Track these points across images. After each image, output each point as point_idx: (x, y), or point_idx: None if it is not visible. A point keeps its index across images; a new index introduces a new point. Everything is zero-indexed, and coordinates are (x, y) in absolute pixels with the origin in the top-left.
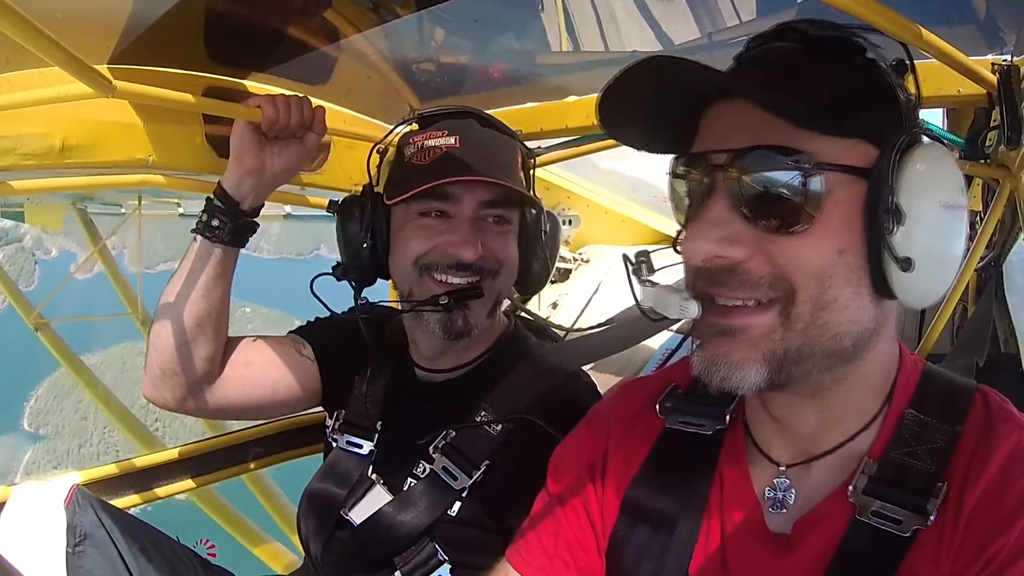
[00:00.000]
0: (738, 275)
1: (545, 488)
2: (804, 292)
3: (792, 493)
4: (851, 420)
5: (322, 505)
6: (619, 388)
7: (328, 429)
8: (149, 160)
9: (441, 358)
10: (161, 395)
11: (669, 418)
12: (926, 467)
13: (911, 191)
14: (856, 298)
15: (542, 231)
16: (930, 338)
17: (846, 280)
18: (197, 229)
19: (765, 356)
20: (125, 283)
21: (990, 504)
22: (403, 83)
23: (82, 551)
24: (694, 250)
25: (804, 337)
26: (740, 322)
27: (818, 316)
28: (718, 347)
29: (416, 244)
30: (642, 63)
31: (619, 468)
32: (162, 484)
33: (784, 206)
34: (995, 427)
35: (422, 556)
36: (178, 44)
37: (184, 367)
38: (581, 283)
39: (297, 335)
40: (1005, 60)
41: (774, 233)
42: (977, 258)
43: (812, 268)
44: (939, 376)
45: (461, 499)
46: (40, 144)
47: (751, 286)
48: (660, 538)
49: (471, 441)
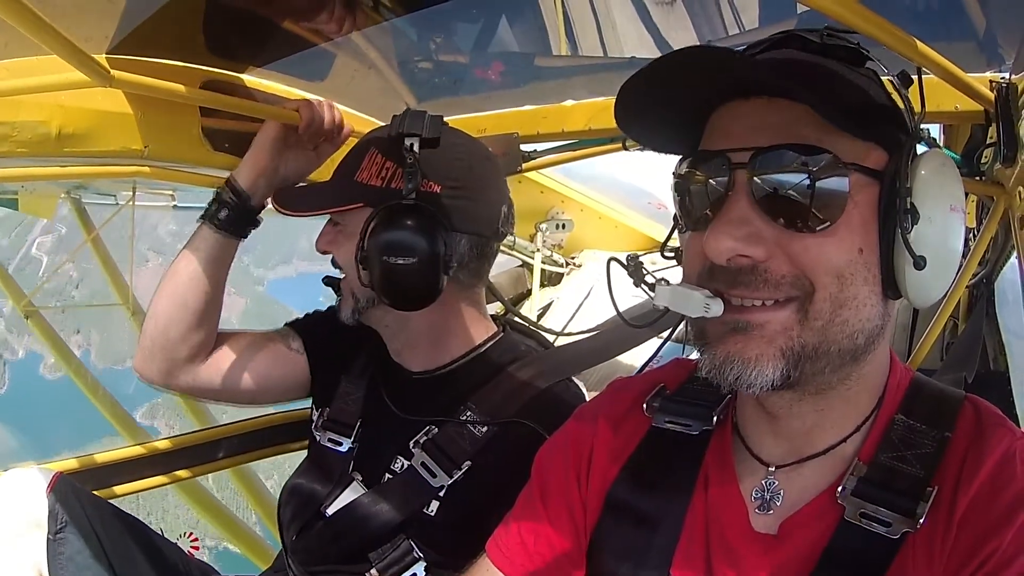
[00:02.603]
0: (759, 274)
1: (528, 484)
2: (824, 290)
3: (780, 494)
4: (847, 421)
5: (301, 499)
6: (607, 387)
7: (312, 425)
8: (144, 151)
9: (402, 354)
10: (150, 368)
11: (655, 417)
12: (915, 471)
13: (924, 193)
14: (872, 296)
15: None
16: (920, 353)
17: (864, 278)
18: (205, 217)
19: (783, 352)
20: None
21: (983, 507)
22: (400, 81)
23: (63, 538)
24: (717, 248)
25: (822, 335)
26: (757, 318)
27: (837, 314)
28: (732, 344)
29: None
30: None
31: (603, 466)
32: (147, 475)
33: (810, 205)
34: (986, 432)
35: (397, 553)
36: (177, 36)
37: (176, 343)
38: (573, 288)
39: (290, 328)
40: (1003, 78)
41: (798, 232)
42: (969, 275)
43: (834, 266)
44: (928, 384)
45: (439, 498)
46: (36, 132)
47: (772, 285)
48: (642, 537)
49: (454, 439)
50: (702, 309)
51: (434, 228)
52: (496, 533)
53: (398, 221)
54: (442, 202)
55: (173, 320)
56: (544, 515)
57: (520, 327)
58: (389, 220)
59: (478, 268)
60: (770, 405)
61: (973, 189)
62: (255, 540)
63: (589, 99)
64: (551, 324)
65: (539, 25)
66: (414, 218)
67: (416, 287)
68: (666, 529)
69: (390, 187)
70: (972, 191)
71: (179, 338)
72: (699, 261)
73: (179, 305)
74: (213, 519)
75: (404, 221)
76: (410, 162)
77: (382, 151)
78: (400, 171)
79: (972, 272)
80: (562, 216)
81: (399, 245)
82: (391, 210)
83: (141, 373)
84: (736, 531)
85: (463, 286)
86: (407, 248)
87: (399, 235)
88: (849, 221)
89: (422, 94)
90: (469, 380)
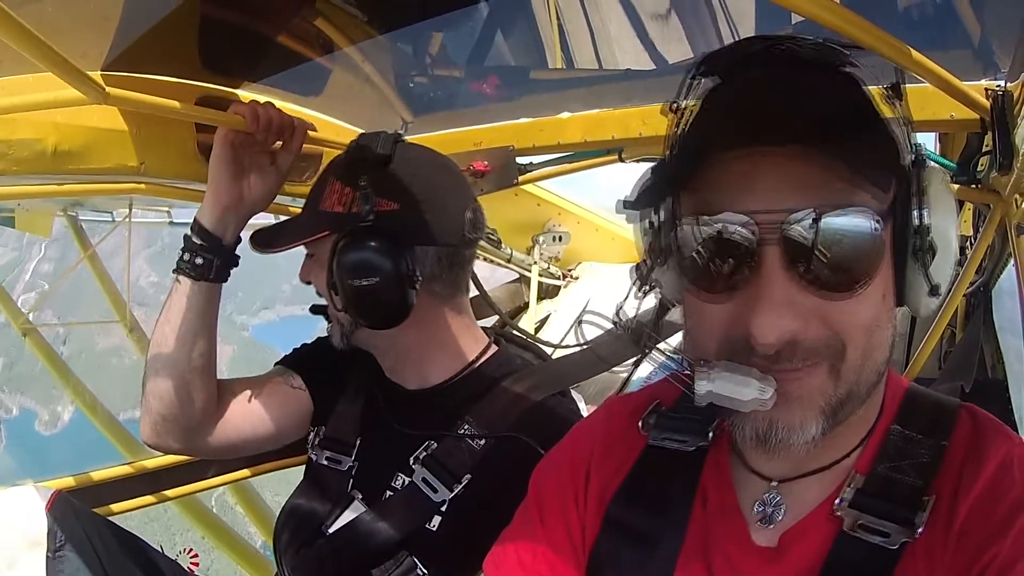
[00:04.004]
0: (798, 346)
1: (526, 503)
2: (854, 345)
3: (783, 507)
4: (854, 437)
5: (301, 519)
6: (603, 405)
7: (309, 445)
8: (141, 168)
9: (396, 372)
10: (165, 441)
11: (652, 435)
12: (912, 481)
13: (938, 222)
14: (890, 328)
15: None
16: (918, 362)
17: (888, 318)
18: (180, 269)
19: (823, 411)
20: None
21: (983, 513)
22: (396, 96)
23: (63, 556)
24: (771, 333)
25: (855, 383)
26: (795, 390)
27: (867, 361)
28: (775, 412)
29: None
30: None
31: (601, 484)
32: (146, 492)
33: (852, 269)
34: (984, 439)
35: (400, 570)
36: (172, 53)
37: (185, 409)
38: (570, 300)
39: (284, 367)
40: (999, 86)
41: (837, 297)
42: (967, 283)
43: (864, 322)
44: (923, 394)
45: (441, 513)
46: (32, 149)
47: (808, 354)
48: (642, 555)
49: (453, 453)
50: (757, 393)
51: (393, 245)
52: (493, 552)
53: (357, 244)
54: (401, 219)
55: (176, 389)
56: (542, 535)
57: (517, 340)
58: (349, 244)
59: (453, 278)
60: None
61: (970, 197)
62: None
63: (585, 111)
64: (549, 337)
65: (534, 38)
66: (371, 238)
67: (385, 304)
68: (666, 546)
69: (351, 212)
70: (969, 199)
71: (187, 403)
72: (720, 331)
73: (178, 373)
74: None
75: (362, 243)
76: (363, 184)
77: (340, 178)
78: (357, 195)
79: (969, 280)
80: (559, 228)
81: (360, 266)
82: (351, 234)
83: (157, 447)
84: (736, 546)
85: (441, 298)
86: (368, 268)
87: (358, 256)
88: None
89: (417, 108)
90: (466, 394)
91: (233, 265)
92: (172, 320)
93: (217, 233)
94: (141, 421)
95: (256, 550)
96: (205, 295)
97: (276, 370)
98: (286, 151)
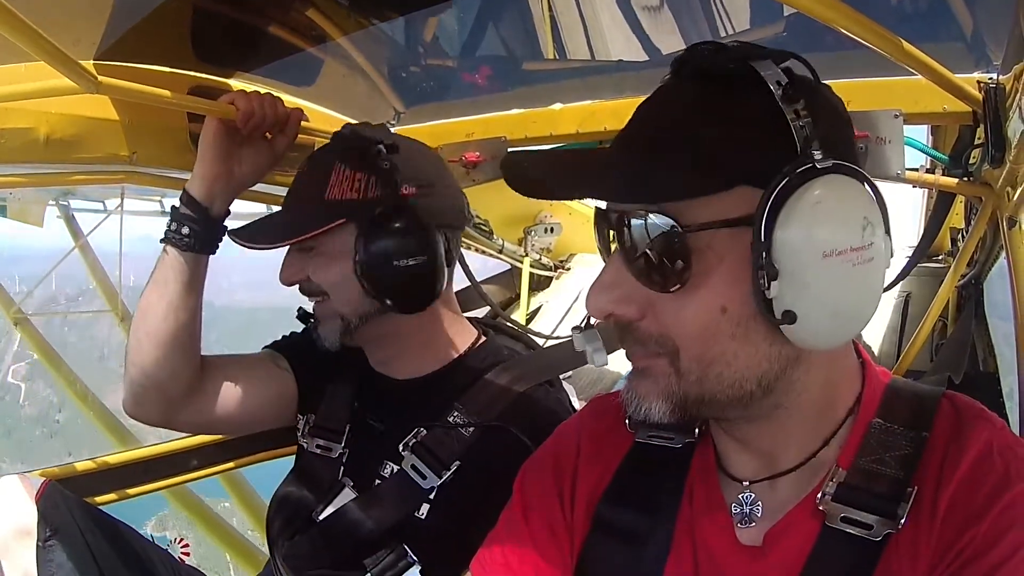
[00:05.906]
0: (631, 333)
1: (511, 504)
2: (687, 351)
3: (759, 506)
4: (807, 439)
5: (292, 508)
6: (588, 403)
7: (299, 433)
8: (132, 157)
9: (390, 364)
10: (146, 411)
11: (639, 432)
12: (894, 473)
13: (786, 243)
14: (746, 347)
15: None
16: (908, 355)
17: (731, 335)
18: (167, 239)
19: (664, 394)
20: (106, 280)
21: (963, 499)
22: (387, 86)
23: (53, 545)
24: (591, 307)
25: (700, 387)
26: (641, 364)
27: (707, 371)
28: (631, 382)
29: None
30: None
31: (588, 484)
32: (137, 482)
33: (660, 267)
34: (965, 428)
35: (392, 557)
36: (164, 42)
37: (166, 381)
38: (562, 291)
39: (272, 349)
40: (991, 78)
41: (659, 293)
42: (958, 276)
43: (691, 329)
44: (905, 387)
45: (429, 500)
46: (24, 139)
47: (641, 344)
48: (631, 554)
49: (442, 440)
50: (586, 344)
51: (429, 225)
52: (480, 553)
53: (396, 225)
54: (421, 202)
55: (159, 359)
56: (528, 536)
57: (507, 330)
58: (386, 226)
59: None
60: (726, 426)
61: (961, 190)
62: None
63: (577, 103)
64: (541, 328)
65: (527, 29)
66: (409, 219)
67: (428, 285)
68: (655, 545)
69: (367, 197)
70: (960, 192)
71: (169, 376)
72: None
73: (161, 343)
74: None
75: (403, 224)
76: (387, 167)
77: (349, 164)
78: (373, 180)
79: (961, 273)
80: (551, 220)
81: (406, 247)
82: (385, 216)
83: (137, 417)
84: (722, 545)
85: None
86: (415, 249)
87: (404, 237)
88: (707, 279)
89: (409, 99)
90: (455, 383)
91: (220, 237)
92: (158, 290)
93: (205, 203)
94: (124, 391)
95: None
96: (191, 265)
97: (263, 352)
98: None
